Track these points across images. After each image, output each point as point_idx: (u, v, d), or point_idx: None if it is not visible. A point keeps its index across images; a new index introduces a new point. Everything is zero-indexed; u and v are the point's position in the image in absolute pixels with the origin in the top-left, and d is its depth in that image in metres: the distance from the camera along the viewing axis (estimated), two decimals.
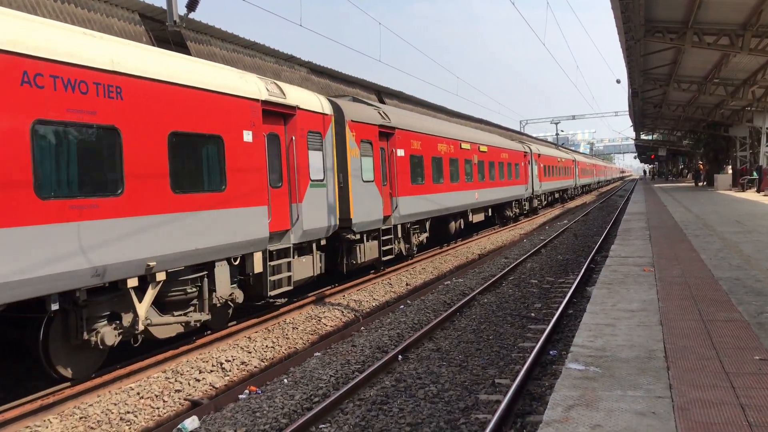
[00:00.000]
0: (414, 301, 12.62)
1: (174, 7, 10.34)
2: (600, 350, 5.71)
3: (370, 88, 21.75)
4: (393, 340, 9.75)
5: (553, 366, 7.96)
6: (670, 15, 18.47)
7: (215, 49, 13.42)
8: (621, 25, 18.57)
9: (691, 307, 7.25)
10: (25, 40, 6.49)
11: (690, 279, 8.97)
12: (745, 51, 18.98)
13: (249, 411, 7.05)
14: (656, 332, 6.22)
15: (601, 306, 7.51)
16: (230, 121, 9.38)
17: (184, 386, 7.96)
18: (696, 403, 4.37)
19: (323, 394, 7.46)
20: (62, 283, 6.77)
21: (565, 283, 13.81)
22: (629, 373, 5.04)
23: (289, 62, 16.85)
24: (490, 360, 8.46)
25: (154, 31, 11.84)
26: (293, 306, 11.61)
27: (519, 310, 11.35)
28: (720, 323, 6.46)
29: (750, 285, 8.34)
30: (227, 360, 8.87)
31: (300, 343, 10.04)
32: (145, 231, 7.80)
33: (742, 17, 17.93)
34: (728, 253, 11.38)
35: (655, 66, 25.85)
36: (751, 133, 36.75)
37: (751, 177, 35.25)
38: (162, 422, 7.04)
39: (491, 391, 7.23)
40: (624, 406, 4.36)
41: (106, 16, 10.85)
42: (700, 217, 19.40)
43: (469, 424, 6.30)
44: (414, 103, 25.42)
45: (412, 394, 7.26)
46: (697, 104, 36.05)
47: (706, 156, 52.84)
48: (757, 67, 24.58)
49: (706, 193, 36.27)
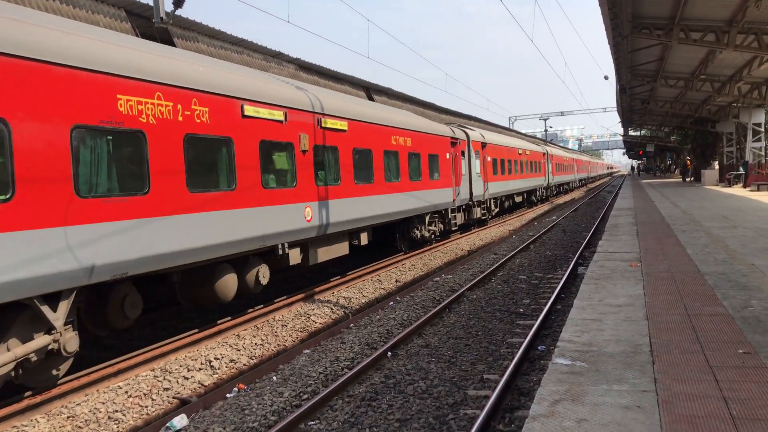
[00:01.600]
0: (403, 298, 12.65)
1: (161, 4, 10.28)
2: (587, 345, 5.76)
3: (359, 85, 21.72)
4: (382, 337, 9.77)
5: (541, 361, 8.01)
6: (657, 11, 18.57)
7: (202, 46, 13.35)
8: (608, 22, 18.66)
9: (676, 301, 7.32)
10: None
11: (676, 274, 9.05)
12: (731, 47, 19.12)
13: (238, 409, 7.04)
14: (642, 327, 6.27)
15: (588, 301, 7.56)
16: (442, 147, 19.69)
17: (173, 384, 7.94)
18: (680, 396, 4.42)
19: (312, 391, 7.47)
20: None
21: (554, 278, 13.89)
22: (615, 368, 5.09)
23: (278, 59, 16.79)
24: (478, 355, 8.51)
25: (140, 27, 11.76)
26: (282, 303, 11.60)
27: (508, 306, 11.41)
28: (705, 317, 6.53)
29: (735, 279, 8.44)
30: (216, 358, 8.86)
31: (289, 340, 10.04)
32: (409, 197, 16.52)
33: (727, 13, 18.06)
34: (714, 248, 11.49)
35: (642, 62, 26.00)
36: (738, 128, 37.06)
37: (737, 172, 35.58)
38: (150, 420, 7.03)
39: (480, 387, 7.27)
40: (609, 400, 4.40)
41: (91, 12, 10.76)
42: (687, 212, 19.57)
43: (457, 420, 6.33)
44: (403, 100, 25.40)
45: (401, 390, 7.29)
46: (685, 100, 36.32)
47: (693, 152, 53.23)
48: (743, 63, 24.79)
49: (694, 188, 36.57)
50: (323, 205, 12.23)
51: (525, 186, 33.98)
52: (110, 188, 7.46)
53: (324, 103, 12.56)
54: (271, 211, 10.50)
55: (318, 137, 12.16)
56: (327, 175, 12.43)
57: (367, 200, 14.21)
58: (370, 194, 14.41)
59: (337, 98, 13.70)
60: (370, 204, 14.38)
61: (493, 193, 26.64)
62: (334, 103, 13.09)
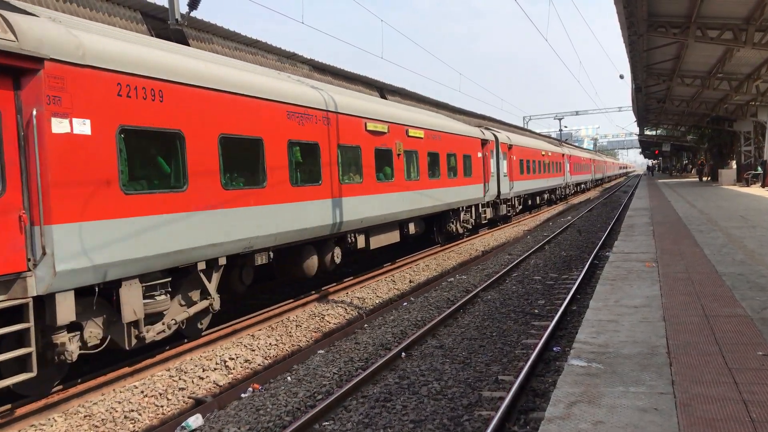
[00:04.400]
0: (417, 299, 12.63)
1: (176, 6, 10.36)
2: (603, 346, 5.71)
3: (372, 86, 21.72)
4: (396, 338, 9.76)
5: (556, 362, 7.95)
6: (673, 9, 18.39)
7: (217, 47, 13.42)
8: (624, 20, 18.50)
9: (694, 302, 7.24)
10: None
11: (693, 275, 8.95)
12: (749, 45, 18.89)
13: (252, 409, 7.07)
14: (659, 328, 6.21)
15: (604, 302, 7.50)
16: (473, 148, 21.47)
17: (188, 384, 7.98)
18: (698, 398, 4.37)
19: (327, 392, 7.48)
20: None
21: (569, 279, 13.80)
22: (632, 369, 5.04)
23: (291, 60, 16.84)
24: (493, 357, 8.47)
25: (156, 29, 11.85)
26: (296, 303, 11.63)
27: (522, 307, 11.35)
28: (723, 319, 6.45)
29: (753, 280, 8.33)
30: (231, 358, 8.90)
31: (303, 340, 10.06)
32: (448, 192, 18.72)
33: (745, 11, 17.84)
34: (732, 248, 11.35)
35: (658, 61, 25.75)
36: (756, 127, 36.58)
37: (755, 172, 35.11)
38: (166, 420, 7.07)
39: (494, 388, 7.23)
40: (626, 403, 4.36)
41: (108, 15, 10.86)
42: (704, 212, 19.35)
43: (472, 421, 6.31)
44: (416, 100, 25.37)
45: (416, 391, 7.27)
46: (701, 99, 35.91)
47: (710, 151, 52.63)
48: (761, 62, 24.46)
49: (710, 188, 36.17)
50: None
51: (546, 185, 35.62)
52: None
53: (410, 117, 16.40)
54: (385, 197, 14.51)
55: (407, 144, 15.91)
56: (410, 173, 16.04)
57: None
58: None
59: (418, 113, 17.90)
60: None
61: (518, 192, 28.31)
62: (417, 116, 17.08)
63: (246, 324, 10.26)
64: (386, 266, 15.99)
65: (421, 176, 16.67)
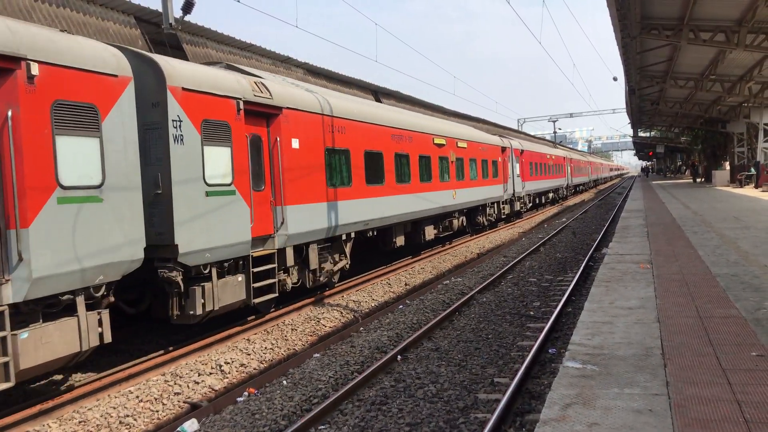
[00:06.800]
0: (413, 301, 12.63)
1: (169, 10, 10.36)
2: (597, 348, 5.72)
3: (367, 89, 21.76)
4: (392, 341, 9.76)
5: (552, 364, 7.97)
6: (666, 11, 18.48)
7: (211, 51, 13.42)
8: (617, 23, 18.58)
9: (688, 303, 7.26)
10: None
11: (687, 276, 8.99)
12: (741, 47, 18.99)
13: (248, 413, 7.05)
14: (653, 329, 6.23)
15: (599, 303, 7.52)
16: (496, 154, 25.76)
17: (183, 389, 7.96)
18: (693, 399, 4.38)
19: (322, 395, 7.47)
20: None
21: (564, 281, 13.83)
22: (626, 371, 5.05)
23: (286, 64, 16.86)
24: (489, 359, 8.48)
25: (149, 34, 11.84)
26: (292, 307, 11.62)
27: (518, 309, 11.37)
28: (717, 320, 6.47)
29: (747, 281, 8.36)
30: (226, 362, 8.88)
31: (299, 344, 10.05)
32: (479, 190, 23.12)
33: (737, 13, 17.94)
34: (726, 249, 11.40)
35: (651, 63, 25.86)
36: (749, 128, 36.76)
37: (749, 173, 35.27)
38: (161, 425, 7.05)
39: (490, 390, 7.24)
40: (621, 404, 4.37)
41: (101, 19, 10.85)
42: (698, 213, 19.43)
43: (468, 424, 6.31)
44: (411, 103, 25.41)
45: (411, 394, 7.27)
46: (694, 101, 36.07)
47: (703, 152, 52.85)
48: (753, 63, 24.60)
49: (704, 189, 36.32)
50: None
51: (552, 185, 40.90)
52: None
53: (458, 132, 21.25)
54: (443, 194, 19.07)
55: (457, 152, 20.62)
56: (460, 175, 20.69)
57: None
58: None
59: (463, 128, 23.00)
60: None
61: (529, 191, 32.99)
62: (464, 131, 22.43)
63: (241, 328, 10.24)
64: (382, 269, 15.99)
65: (465, 178, 21.39)
